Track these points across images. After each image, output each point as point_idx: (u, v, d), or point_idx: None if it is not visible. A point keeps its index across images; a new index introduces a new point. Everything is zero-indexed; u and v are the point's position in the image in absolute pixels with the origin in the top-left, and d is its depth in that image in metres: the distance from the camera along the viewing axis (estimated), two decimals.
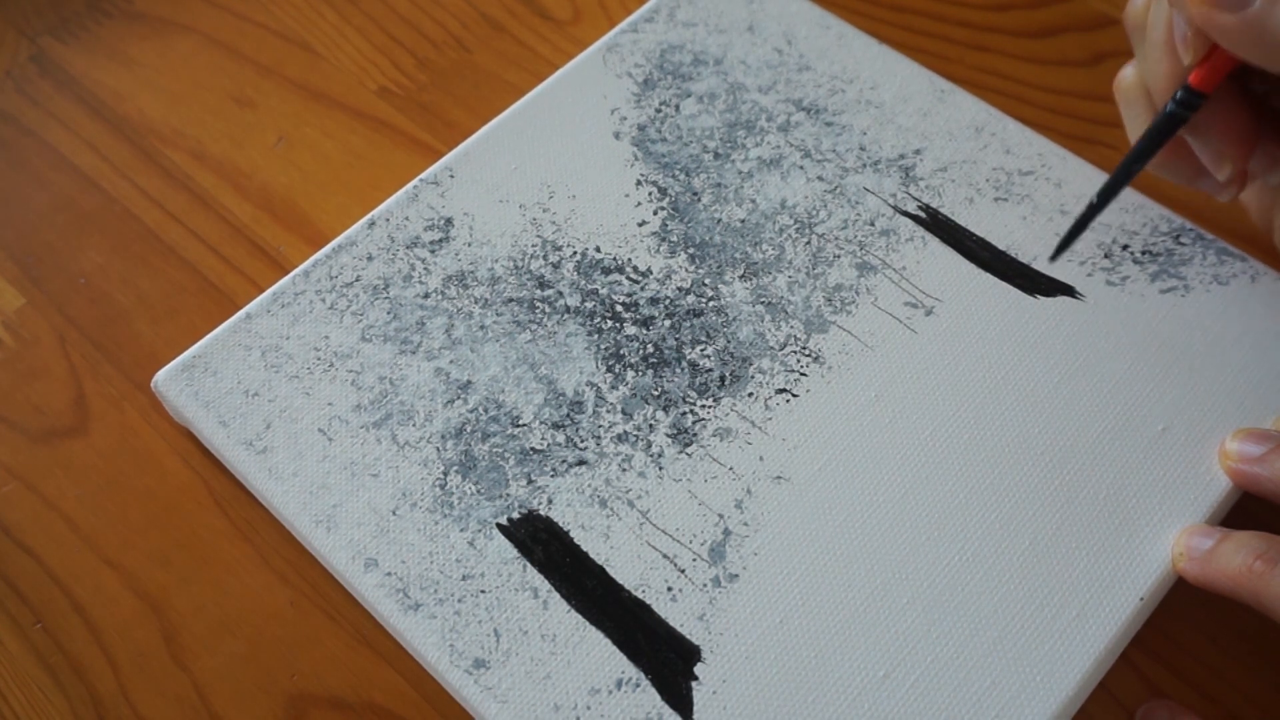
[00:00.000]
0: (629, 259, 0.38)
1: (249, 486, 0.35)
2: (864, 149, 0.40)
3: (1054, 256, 0.37)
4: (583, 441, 0.34)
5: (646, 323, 0.37)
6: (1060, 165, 0.39)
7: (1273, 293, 0.37)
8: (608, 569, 0.32)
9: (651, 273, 0.38)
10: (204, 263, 0.41)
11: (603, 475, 0.34)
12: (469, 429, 0.35)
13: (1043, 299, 0.37)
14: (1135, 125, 0.35)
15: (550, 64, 0.45)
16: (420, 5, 0.47)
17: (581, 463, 0.34)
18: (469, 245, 0.38)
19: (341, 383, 0.36)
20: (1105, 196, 0.35)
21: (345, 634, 0.34)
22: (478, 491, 0.34)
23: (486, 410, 0.35)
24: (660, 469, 0.34)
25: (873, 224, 0.38)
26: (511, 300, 0.37)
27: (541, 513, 0.33)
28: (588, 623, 0.32)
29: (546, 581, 0.32)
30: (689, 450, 0.34)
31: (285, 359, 0.36)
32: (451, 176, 0.40)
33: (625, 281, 0.37)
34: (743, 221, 0.39)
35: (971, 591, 0.32)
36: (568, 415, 0.35)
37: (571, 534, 0.33)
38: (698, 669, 0.31)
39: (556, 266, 0.38)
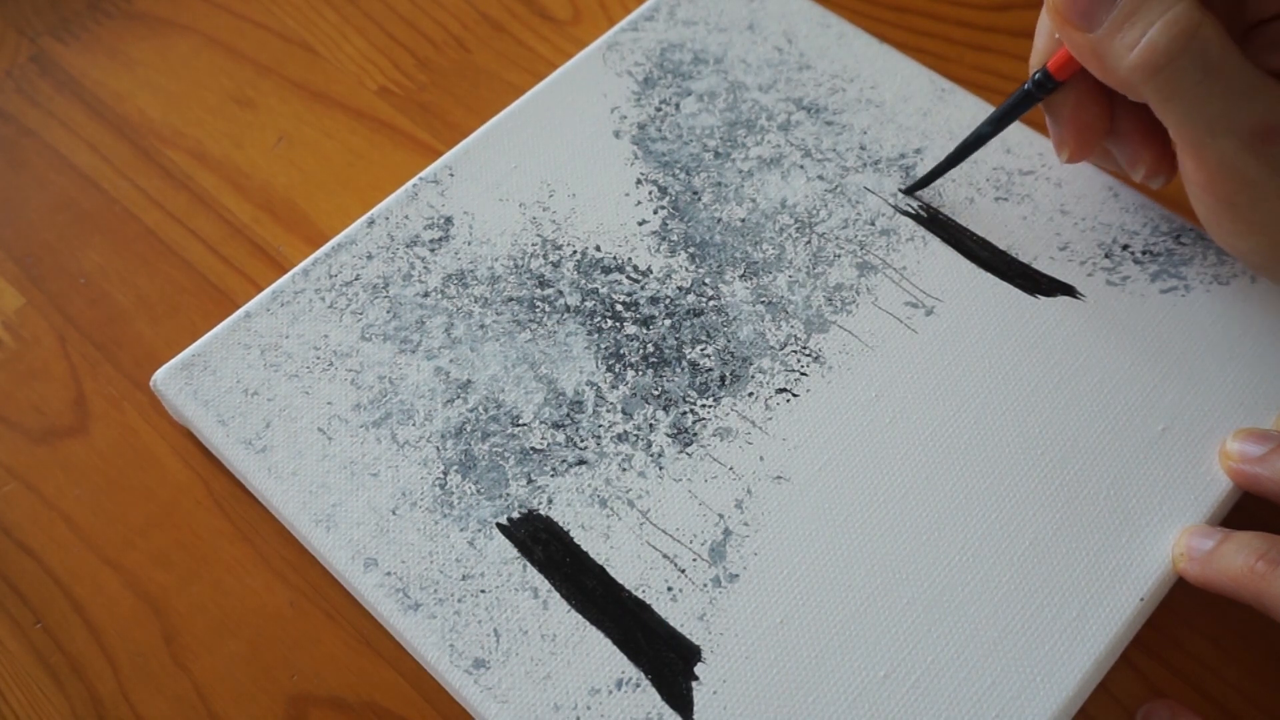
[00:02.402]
0: (629, 258, 0.38)
1: (249, 486, 0.35)
2: (864, 148, 0.40)
3: (906, 192, 0.39)
4: (583, 441, 0.34)
5: (647, 322, 0.37)
6: (1060, 165, 0.39)
7: (1273, 293, 0.36)
8: (608, 569, 0.32)
9: (651, 272, 0.38)
10: (204, 263, 0.41)
11: (603, 475, 0.34)
12: (469, 428, 0.35)
13: (1043, 299, 0.37)
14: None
15: (550, 64, 0.45)
16: (420, 5, 0.47)
17: (581, 462, 0.34)
18: (469, 244, 0.38)
19: (341, 382, 0.36)
20: (957, 157, 0.38)
21: (345, 634, 0.34)
22: (478, 491, 0.34)
23: (486, 410, 0.35)
24: (660, 469, 0.34)
25: (873, 223, 0.38)
26: (511, 299, 0.37)
27: (541, 512, 0.33)
28: (588, 623, 0.32)
29: (546, 581, 0.32)
30: (689, 450, 0.34)
31: (285, 358, 0.36)
32: (451, 175, 0.40)
33: (625, 281, 0.37)
34: (743, 221, 0.39)
35: (972, 591, 0.32)
36: (568, 415, 0.35)
37: (571, 534, 0.33)
38: (698, 669, 0.31)
39: (556, 265, 0.38)
